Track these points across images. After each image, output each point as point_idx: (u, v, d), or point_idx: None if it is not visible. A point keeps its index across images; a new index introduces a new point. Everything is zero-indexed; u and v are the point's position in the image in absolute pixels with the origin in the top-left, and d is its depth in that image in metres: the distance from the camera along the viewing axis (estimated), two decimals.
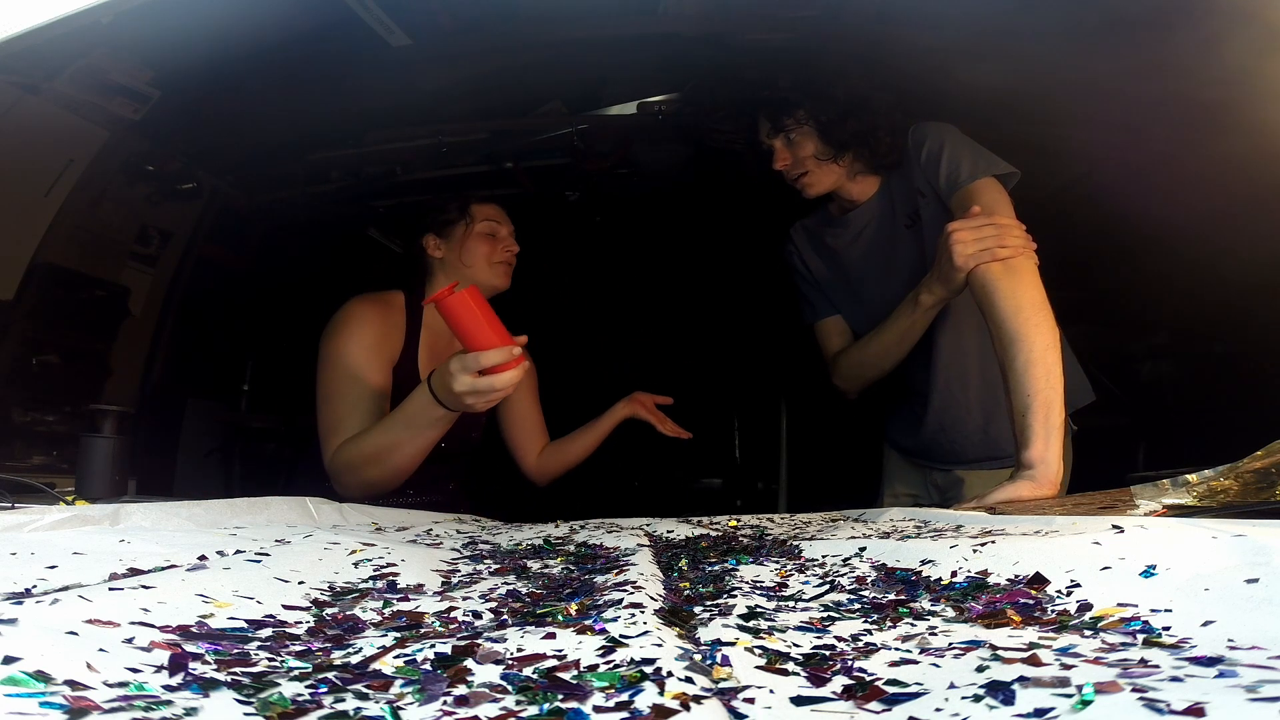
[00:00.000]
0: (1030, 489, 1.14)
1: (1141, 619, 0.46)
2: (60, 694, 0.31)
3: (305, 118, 1.91)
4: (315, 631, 0.48)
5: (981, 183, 1.35)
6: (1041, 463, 1.14)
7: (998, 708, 0.33)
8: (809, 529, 1.04)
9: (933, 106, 1.50)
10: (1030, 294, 1.23)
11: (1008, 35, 1.45)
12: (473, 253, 1.64)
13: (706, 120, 1.64)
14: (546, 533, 1.04)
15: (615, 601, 0.53)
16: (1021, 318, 1.21)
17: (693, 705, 0.33)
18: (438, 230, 1.67)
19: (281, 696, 0.34)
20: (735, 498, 3.10)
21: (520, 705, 0.34)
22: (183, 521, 0.91)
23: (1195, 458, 1.04)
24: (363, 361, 1.53)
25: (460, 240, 1.65)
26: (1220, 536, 0.56)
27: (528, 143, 2.09)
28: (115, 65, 1.59)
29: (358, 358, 1.53)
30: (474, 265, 1.64)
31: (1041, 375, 1.18)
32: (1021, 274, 1.24)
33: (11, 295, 1.67)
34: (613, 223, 2.56)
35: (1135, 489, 0.99)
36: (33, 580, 0.51)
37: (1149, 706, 0.30)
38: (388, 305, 1.61)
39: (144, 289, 1.99)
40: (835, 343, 1.61)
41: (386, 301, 1.62)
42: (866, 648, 0.45)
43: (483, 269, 1.64)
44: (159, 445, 2.13)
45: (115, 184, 1.83)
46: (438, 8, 1.56)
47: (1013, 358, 1.20)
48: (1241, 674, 0.34)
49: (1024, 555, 0.62)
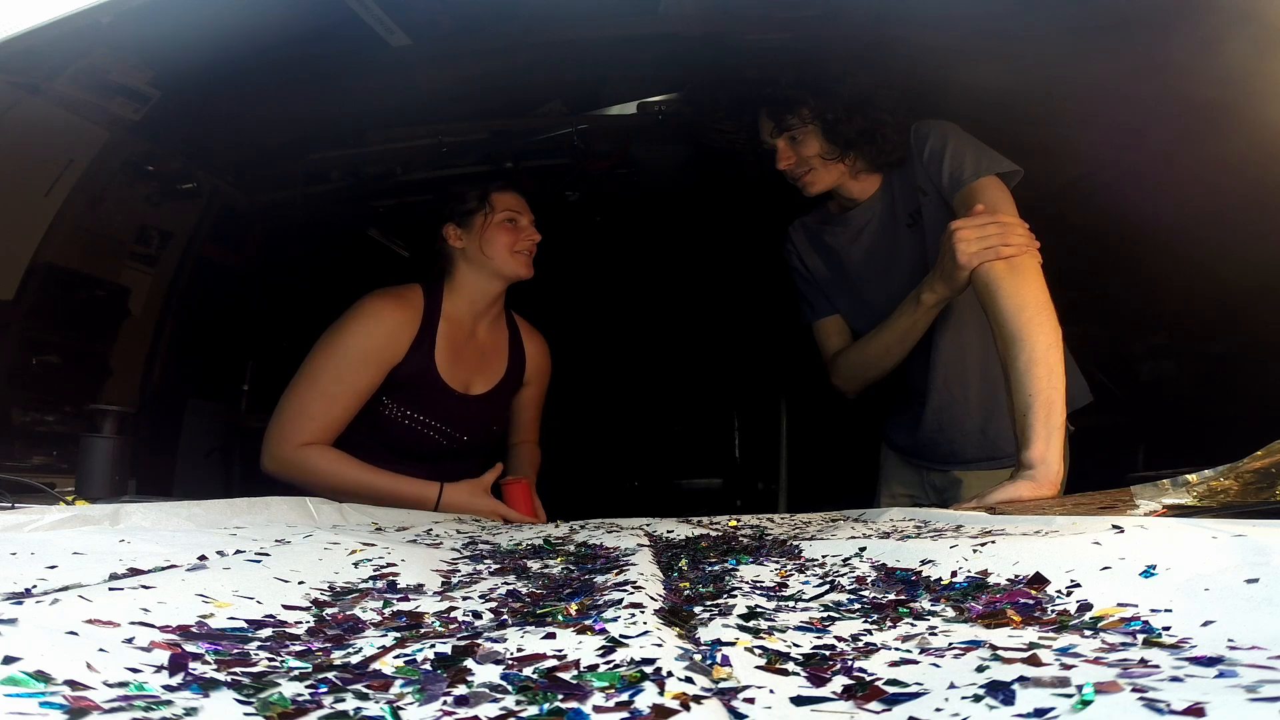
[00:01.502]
0: (1030, 489, 1.14)
1: (1141, 619, 0.46)
2: (60, 694, 0.31)
3: (305, 118, 1.91)
4: (315, 631, 0.48)
5: (984, 181, 1.34)
6: (1042, 463, 1.14)
7: (998, 708, 0.33)
8: (809, 529, 1.04)
9: (933, 107, 1.50)
10: (1033, 293, 1.23)
11: (1008, 35, 1.45)
12: (493, 242, 1.63)
13: (707, 120, 1.64)
14: (546, 533, 1.04)
15: (615, 601, 0.53)
16: (1024, 317, 1.21)
17: (693, 705, 0.33)
18: (458, 220, 1.67)
19: (281, 696, 0.34)
20: (735, 498, 3.10)
21: (520, 705, 0.34)
22: (183, 521, 0.91)
23: (1195, 458, 1.04)
24: (360, 361, 1.53)
25: (480, 230, 1.64)
26: (1220, 536, 0.56)
27: (528, 143, 2.08)
28: (115, 65, 1.59)
29: (356, 357, 1.53)
30: (495, 255, 1.63)
31: (1043, 375, 1.17)
32: (1025, 273, 1.24)
33: (11, 295, 1.67)
34: (613, 223, 2.56)
35: (1135, 489, 0.99)
36: (33, 580, 0.51)
37: (1149, 706, 0.30)
38: (405, 301, 1.61)
39: (144, 289, 1.99)
40: (834, 342, 1.61)
41: (404, 297, 1.62)
42: (866, 648, 0.45)
43: (504, 258, 1.64)
44: (159, 445, 2.13)
45: (115, 184, 1.83)
46: (438, 8, 1.56)
47: (1014, 357, 1.20)
48: (1241, 674, 0.34)
49: (1024, 555, 0.62)
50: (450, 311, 1.64)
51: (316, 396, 1.51)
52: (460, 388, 1.64)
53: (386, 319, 1.57)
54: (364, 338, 1.54)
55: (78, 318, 1.85)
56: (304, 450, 1.48)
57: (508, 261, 1.64)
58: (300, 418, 1.50)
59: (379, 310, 1.57)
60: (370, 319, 1.56)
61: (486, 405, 1.70)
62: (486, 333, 1.72)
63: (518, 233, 1.65)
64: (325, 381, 1.52)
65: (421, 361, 1.59)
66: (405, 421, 1.60)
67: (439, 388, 1.61)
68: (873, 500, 1.73)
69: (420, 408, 1.61)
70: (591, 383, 2.85)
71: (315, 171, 2.15)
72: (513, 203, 1.68)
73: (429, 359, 1.60)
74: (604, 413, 3.03)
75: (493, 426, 1.74)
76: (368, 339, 1.54)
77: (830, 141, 1.45)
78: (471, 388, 1.67)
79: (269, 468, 1.50)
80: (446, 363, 1.62)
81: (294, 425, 1.49)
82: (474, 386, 1.68)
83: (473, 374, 1.68)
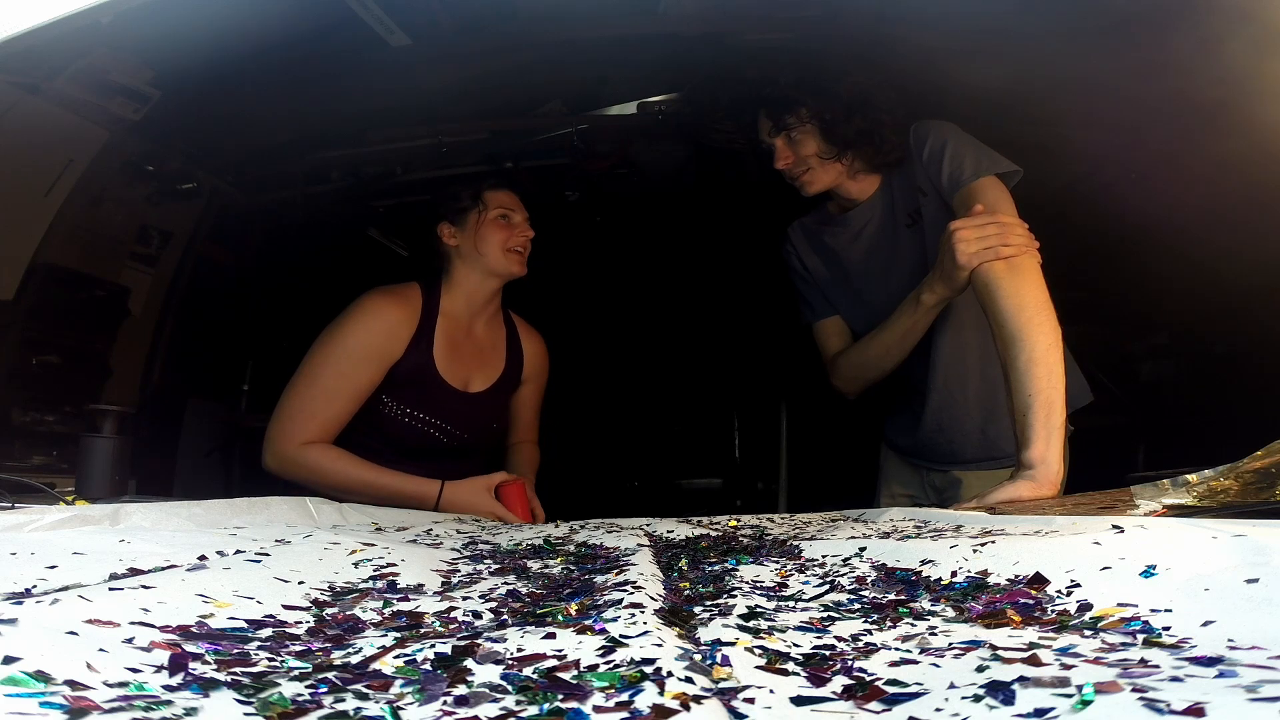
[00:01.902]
0: (1030, 489, 1.14)
1: (1141, 619, 0.46)
2: (60, 694, 0.31)
3: (305, 118, 1.91)
4: (315, 631, 0.48)
5: (984, 181, 1.34)
6: (1042, 463, 1.14)
7: (998, 708, 0.33)
8: (809, 529, 1.04)
9: (933, 107, 1.49)
10: (1033, 293, 1.23)
11: (1008, 35, 1.45)
12: (487, 240, 1.63)
13: (707, 120, 1.64)
14: (546, 533, 1.04)
15: (615, 601, 0.53)
16: (1024, 317, 1.21)
17: (693, 705, 0.33)
18: (452, 218, 1.67)
19: (281, 696, 0.34)
20: (735, 498, 3.10)
21: (520, 705, 0.34)
22: (182, 521, 0.91)
23: (1195, 458, 1.04)
24: (360, 358, 1.54)
25: (474, 228, 1.65)
26: (1220, 536, 0.56)
27: (527, 143, 2.08)
28: (115, 65, 1.59)
29: (356, 354, 1.54)
30: (488, 253, 1.64)
31: (1043, 375, 1.17)
32: (1025, 273, 1.24)
33: (11, 295, 1.67)
34: (613, 223, 2.56)
35: (1135, 489, 0.99)
36: (33, 580, 0.51)
37: (1149, 706, 0.30)
38: (403, 299, 1.62)
39: (144, 289, 1.99)
40: (834, 343, 1.61)
41: (402, 295, 1.62)
42: (866, 648, 0.45)
43: (496, 256, 1.64)
44: (159, 445, 2.13)
45: (115, 184, 1.83)
46: (438, 8, 1.56)
47: (1014, 357, 1.20)
48: (1241, 674, 0.34)
49: (1024, 555, 0.62)
50: (448, 309, 1.65)
51: (317, 394, 1.52)
52: (459, 385, 1.65)
53: (386, 316, 1.58)
54: (363, 334, 1.55)
55: (78, 318, 1.85)
56: (306, 449, 1.49)
57: (501, 259, 1.64)
58: (301, 415, 1.50)
59: (378, 307, 1.58)
60: (369, 316, 1.57)
61: (486, 402, 1.70)
62: (484, 330, 1.73)
63: (511, 230, 1.66)
64: (326, 379, 1.53)
65: (420, 359, 1.60)
66: (406, 420, 1.61)
67: (438, 385, 1.61)
68: (873, 500, 1.72)
69: (420, 405, 1.61)
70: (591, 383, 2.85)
71: (315, 171, 2.15)
72: (506, 200, 1.68)
73: (428, 356, 1.61)
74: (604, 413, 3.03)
75: (493, 424, 1.75)
76: (367, 335, 1.55)
77: (828, 141, 1.45)
78: (470, 385, 1.68)
79: (271, 465, 1.51)
80: (445, 360, 1.63)
81: (295, 423, 1.50)
82: (473, 384, 1.68)
83: (472, 371, 1.69)
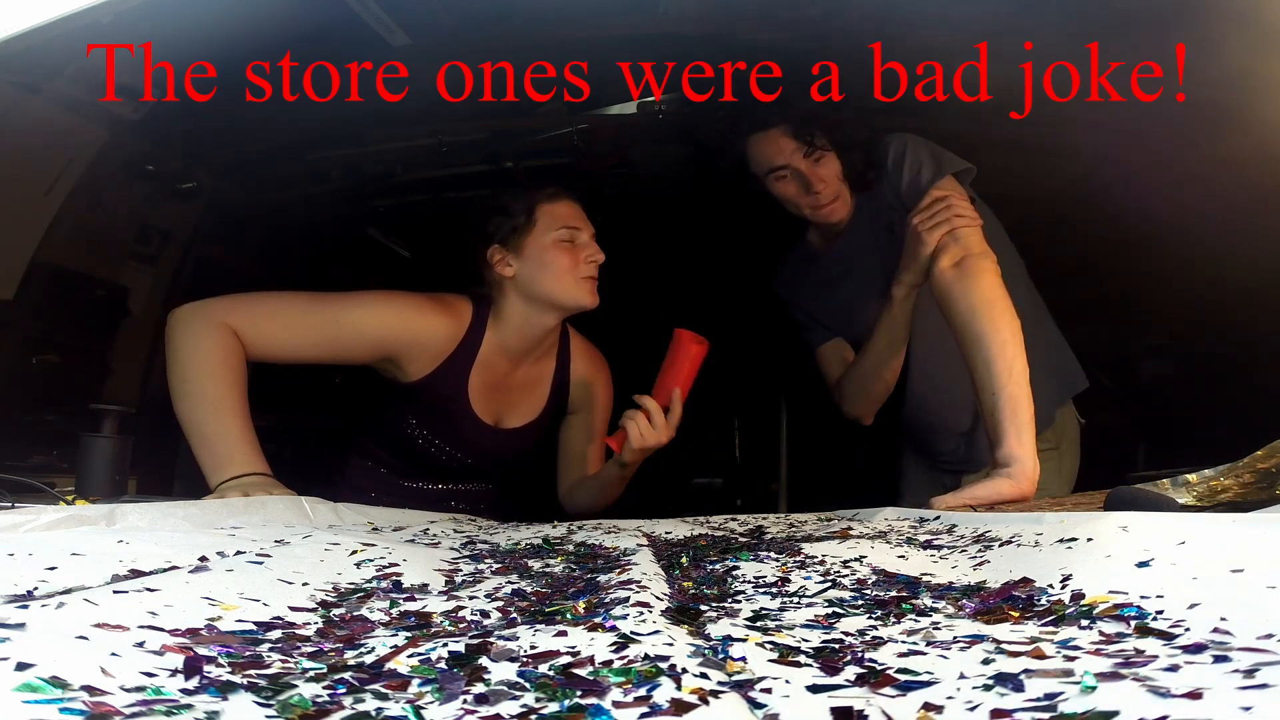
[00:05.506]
0: (1009, 486, 1.13)
1: (1135, 606, 0.46)
2: (79, 700, 0.31)
3: (305, 118, 1.90)
4: (325, 632, 0.48)
5: (940, 183, 1.37)
6: (1016, 460, 1.14)
7: (1008, 694, 0.34)
8: (804, 527, 1.04)
9: (932, 107, 1.50)
10: (984, 293, 1.23)
11: (1008, 35, 1.45)
12: (550, 267, 1.34)
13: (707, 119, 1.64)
14: (544, 533, 1.04)
15: (622, 600, 0.53)
16: (978, 317, 1.21)
17: (710, 699, 0.33)
18: (503, 239, 1.38)
19: (302, 698, 0.34)
20: (735, 498, 3.10)
21: (540, 702, 0.34)
22: (179, 521, 0.91)
23: (1195, 458, 1.04)
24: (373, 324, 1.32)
25: (532, 252, 1.36)
26: (1214, 527, 0.57)
27: (528, 143, 2.08)
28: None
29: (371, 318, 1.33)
30: (552, 284, 1.34)
31: (1003, 371, 1.17)
32: (976, 275, 1.25)
33: (11, 295, 1.67)
34: (613, 223, 2.56)
35: None
36: (33, 582, 0.50)
37: (1151, 691, 0.31)
38: (453, 313, 1.41)
39: (144, 289, 1.98)
40: (836, 370, 1.61)
41: (453, 310, 1.41)
42: (874, 641, 0.46)
43: (563, 286, 1.35)
44: (159, 445, 2.12)
45: (115, 184, 1.83)
46: (438, 8, 1.56)
47: (974, 358, 1.20)
48: (1236, 659, 0.35)
49: (1018, 566, 0.62)
50: (494, 341, 1.42)
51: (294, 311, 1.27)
52: (492, 420, 1.47)
53: (425, 320, 1.39)
54: (392, 315, 1.35)
55: (78, 318, 1.84)
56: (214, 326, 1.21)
57: (570, 290, 1.35)
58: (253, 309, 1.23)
59: (424, 307, 1.40)
60: (412, 307, 1.38)
61: (519, 438, 1.52)
62: (533, 363, 1.51)
63: (577, 252, 1.38)
64: (317, 309, 1.28)
65: (453, 389, 1.41)
66: (431, 449, 1.48)
67: (468, 419, 1.45)
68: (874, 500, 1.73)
69: (447, 438, 1.47)
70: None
71: (315, 171, 2.14)
72: (568, 214, 1.40)
73: (462, 387, 1.41)
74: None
75: (523, 452, 1.55)
76: (394, 316, 1.35)
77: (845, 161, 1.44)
78: (504, 421, 1.49)
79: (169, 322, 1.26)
80: (481, 394, 1.44)
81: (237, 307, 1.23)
82: (507, 420, 1.49)
83: (510, 407, 1.49)
